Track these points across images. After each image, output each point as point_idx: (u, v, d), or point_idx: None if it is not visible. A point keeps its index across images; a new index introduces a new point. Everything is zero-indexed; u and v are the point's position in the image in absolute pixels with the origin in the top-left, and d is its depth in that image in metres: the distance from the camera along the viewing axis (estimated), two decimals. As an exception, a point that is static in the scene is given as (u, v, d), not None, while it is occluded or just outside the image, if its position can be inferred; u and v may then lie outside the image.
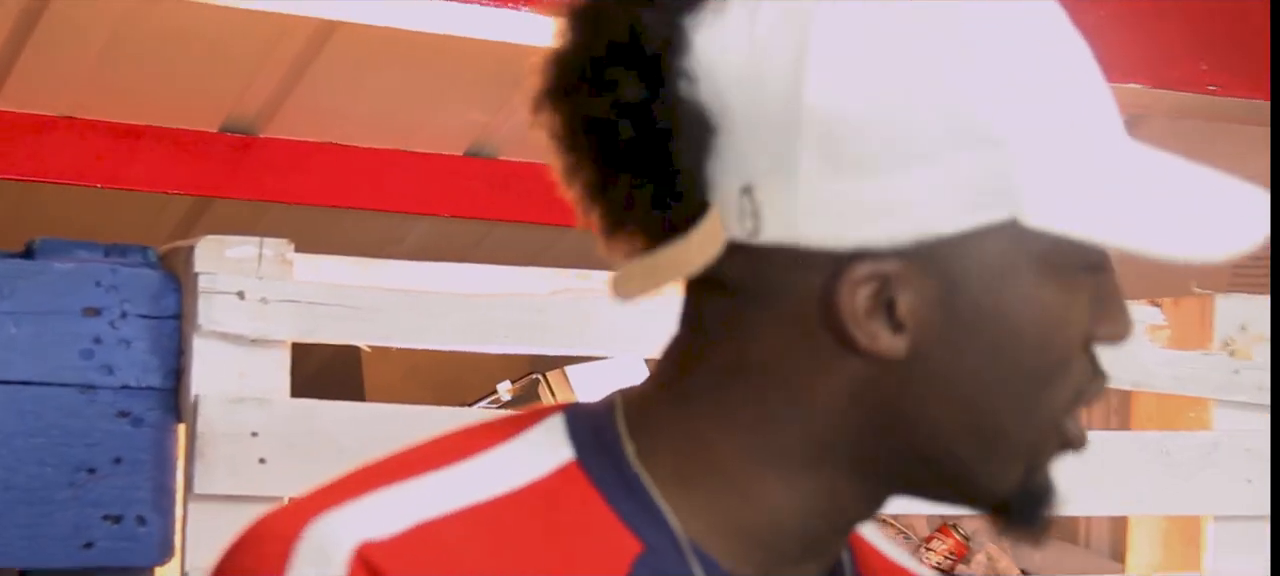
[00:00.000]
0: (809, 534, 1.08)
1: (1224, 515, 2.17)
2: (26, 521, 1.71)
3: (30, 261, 1.74)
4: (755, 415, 1.05)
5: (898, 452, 1.05)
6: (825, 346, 1.02)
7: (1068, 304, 1.03)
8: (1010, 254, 1.00)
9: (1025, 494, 1.07)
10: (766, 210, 1.00)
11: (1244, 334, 2.18)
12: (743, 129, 1.00)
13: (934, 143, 0.98)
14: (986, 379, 1.02)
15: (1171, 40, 2.37)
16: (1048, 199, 0.99)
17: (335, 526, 1.00)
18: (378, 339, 1.83)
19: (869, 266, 0.99)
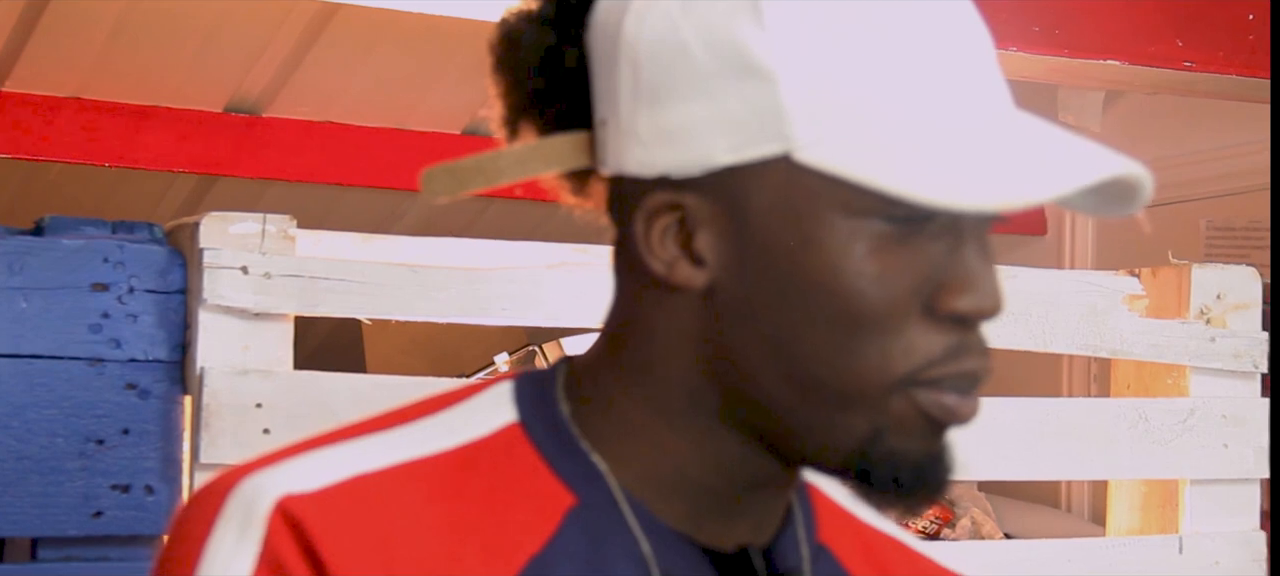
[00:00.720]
0: (718, 488, 1.08)
1: (1201, 479, 2.17)
2: (38, 490, 1.70)
3: (40, 238, 1.74)
4: (637, 366, 1.07)
5: (737, 400, 1.05)
6: (651, 283, 1.05)
7: (869, 255, 1.00)
8: (795, 192, 1.00)
9: (877, 458, 1.02)
10: (607, 142, 1.05)
11: (1220, 303, 2.18)
12: (599, 67, 1.05)
13: (709, 74, 1.00)
14: (783, 319, 1.01)
15: (1148, 18, 2.37)
16: (818, 137, 0.99)
17: (262, 483, 1.02)
18: (378, 312, 1.83)
19: (666, 196, 1.02)
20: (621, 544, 1.05)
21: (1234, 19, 2.41)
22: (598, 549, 1.05)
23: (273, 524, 0.99)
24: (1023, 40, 2.25)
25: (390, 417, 1.09)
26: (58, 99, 3.13)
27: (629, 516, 1.06)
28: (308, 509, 1.00)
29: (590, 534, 1.05)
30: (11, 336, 1.70)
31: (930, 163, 0.98)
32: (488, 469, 1.06)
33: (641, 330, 1.07)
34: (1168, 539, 2.16)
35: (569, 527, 1.05)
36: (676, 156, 1.02)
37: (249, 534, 1.00)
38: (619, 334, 1.09)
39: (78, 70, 3.08)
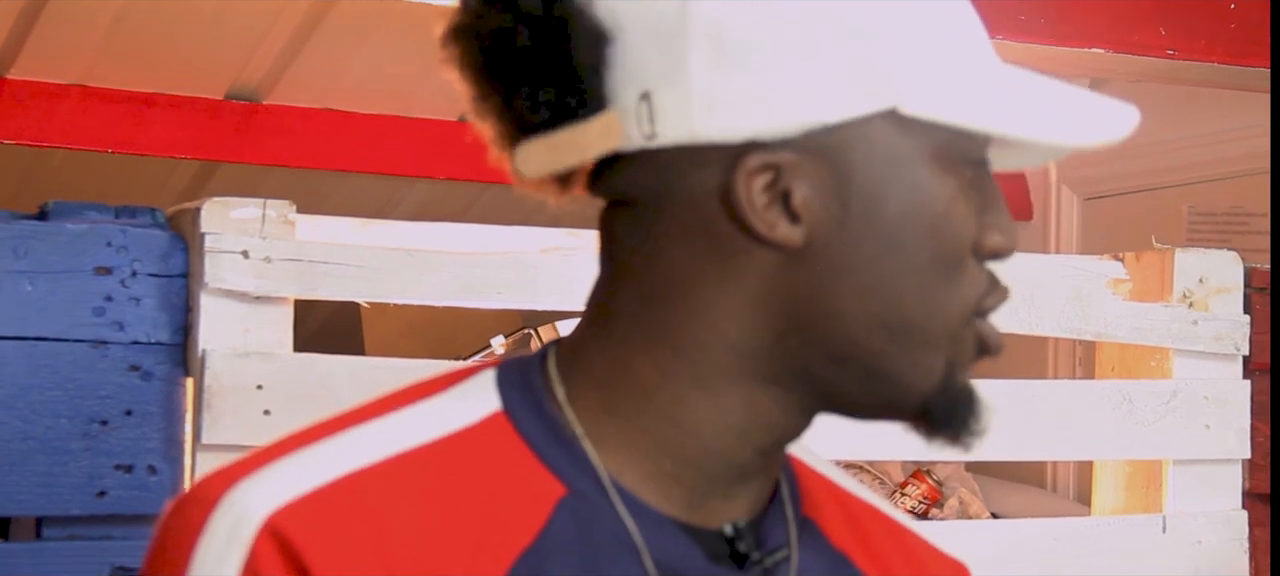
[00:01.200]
0: (735, 455, 1.07)
1: (1183, 459, 2.17)
2: (43, 470, 1.70)
3: (44, 223, 1.74)
4: (672, 330, 1.06)
5: (812, 354, 1.05)
6: (729, 245, 1.04)
7: (954, 198, 1.04)
8: (896, 143, 1.02)
9: (946, 396, 1.06)
10: (662, 113, 1.02)
11: (1202, 287, 2.18)
12: (636, 38, 1.02)
13: (813, 36, 1.01)
14: (884, 266, 1.03)
15: (1131, 7, 2.37)
16: (924, 89, 1.02)
17: (247, 496, 1.00)
18: (376, 296, 1.82)
19: (762, 157, 1.01)
20: (612, 532, 1.05)
21: (1216, 8, 2.41)
22: (589, 538, 1.04)
23: (258, 544, 0.98)
24: (1011, 28, 2.25)
25: (372, 408, 1.07)
26: (61, 86, 3.13)
27: (618, 504, 1.05)
28: (293, 521, 0.98)
29: (581, 524, 1.04)
30: (16, 319, 1.70)
31: (1027, 106, 1.05)
32: (474, 461, 1.05)
33: (695, 298, 1.05)
34: (1151, 518, 2.16)
35: (559, 518, 1.04)
36: (776, 118, 1.01)
37: (232, 552, 0.98)
38: (651, 304, 1.06)
39: (81, 58, 3.08)
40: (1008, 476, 3.57)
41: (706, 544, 1.07)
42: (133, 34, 3.02)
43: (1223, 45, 2.43)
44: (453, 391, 1.08)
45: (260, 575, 0.97)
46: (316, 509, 0.99)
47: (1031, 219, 3.85)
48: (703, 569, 1.06)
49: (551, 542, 1.03)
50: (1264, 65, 2.45)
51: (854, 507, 1.21)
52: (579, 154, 1.04)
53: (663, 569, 1.05)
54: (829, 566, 1.15)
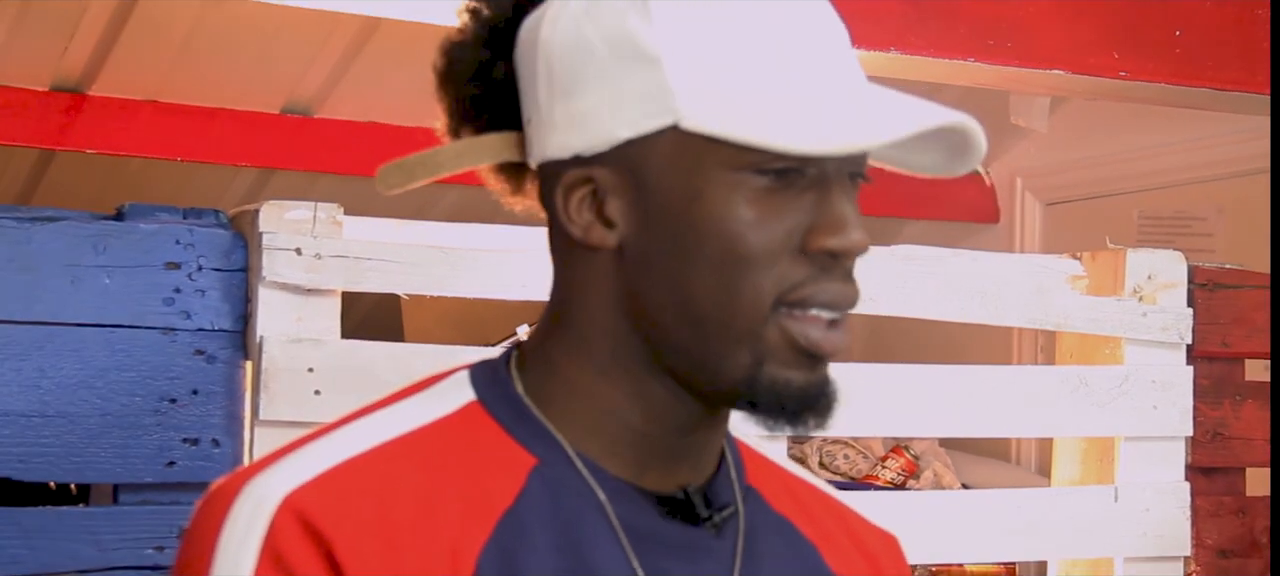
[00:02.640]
0: (652, 433, 1.09)
1: (1133, 436, 2.17)
2: (119, 443, 1.71)
3: (121, 223, 1.74)
4: (571, 328, 1.10)
5: (652, 344, 1.07)
6: (577, 251, 1.08)
7: (746, 204, 1.03)
8: (681, 156, 1.04)
9: (758, 386, 1.05)
10: (531, 136, 1.09)
11: (1151, 282, 2.18)
12: (523, 74, 1.10)
13: (608, 64, 1.05)
14: (682, 264, 1.04)
15: (1088, 33, 2.36)
16: (700, 107, 1.03)
17: (264, 483, 1.03)
18: (415, 288, 1.83)
19: (580, 171, 1.06)
20: (580, 494, 1.07)
21: (1164, 34, 2.40)
22: (560, 500, 1.06)
23: (277, 520, 1.01)
24: (979, 51, 2.25)
25: (363, 410, 1.11)
26: (137, 101, 3.13)
27: (582, 470, 1.08)
28: (308, 498, 1.01)
29: (552, 488, 1.07)
30: (96, 308, 1.70)
31: (789, 119, 1.03)
32: (456, 441, 1.08)
33: (573, 297, 1.10)
34: (1104, 488, 2.16)
35: (533, 484, 1.06)
36: (586, 137, 1.06)
37: (253, 532, 1.01)
38: (557, 305, 1.11)
39: (154, 77, 3.08)
40: (977, 451, 3.56)
41: (661, 503, 1.09)
42: (199, 55, 3.02)
43: (1170, 67, 2.42)
44: (431, 390, 1.12)
45: (279, 546, 1.00)
46: (327, 486, 1.02)
47: (998, 221, 3.84)
48: (657, 523, 1.08)
49: (528, 504, 1.05)
50: (1207, 85, 2.44)
51: (793, 483, 1.23)
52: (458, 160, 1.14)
53: (624, 523, 1.07)
54: (772, 527, 1.16)
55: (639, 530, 1.07)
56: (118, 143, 3.14)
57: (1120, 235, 2.28)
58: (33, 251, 1.68)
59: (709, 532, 1.10)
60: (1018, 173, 3.77)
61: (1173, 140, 3.37)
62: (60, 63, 2.99)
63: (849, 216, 1.05)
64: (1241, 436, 2.26)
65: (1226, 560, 2.24)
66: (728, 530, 1.12)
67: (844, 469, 3.30)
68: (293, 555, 1.00)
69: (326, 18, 2.76)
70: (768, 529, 1.15)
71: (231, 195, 3.44)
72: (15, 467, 1.67)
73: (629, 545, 1.06)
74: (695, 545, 1.09)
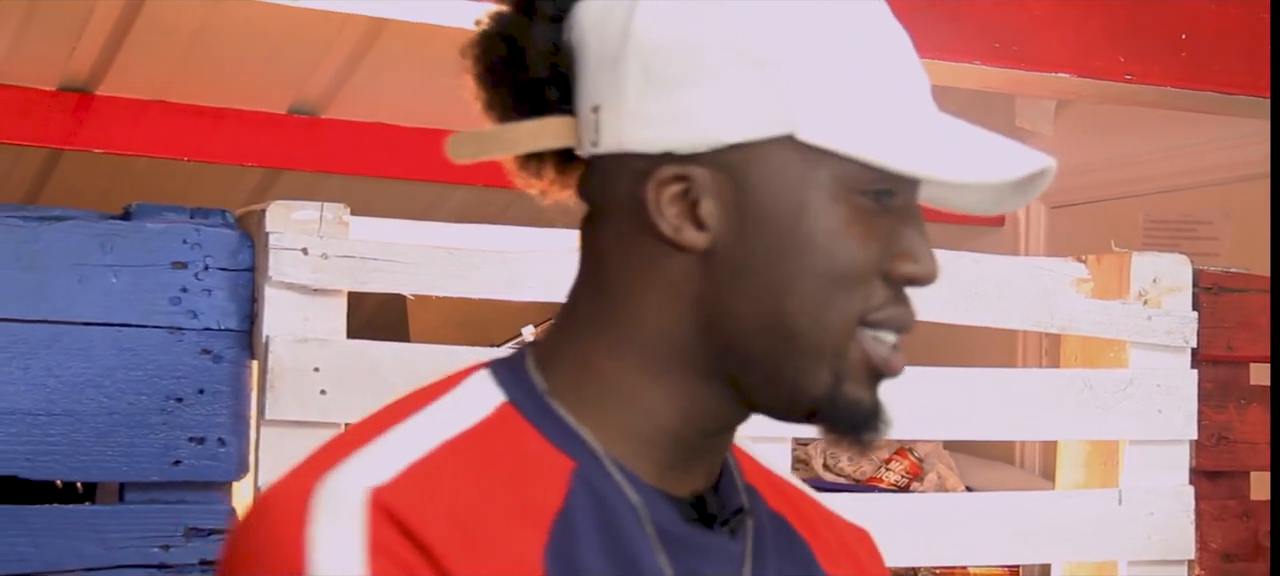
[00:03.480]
0: (686, 436, 1.09)
1: (1138, 439, 2.17)
2: (125, 442, 1.71)
3: (128, 222, 1.74)
4: (619, 326, 1.08)
5: (720, 349, 1.06)
6: (653, 249, 1.05)
7: (847, 222, 1.04)
8: (791, 166, 1.03)
9: (837, 404, 1.06)
10: (604, 124, 1.06)
11: (1156, 286, 2.18)
12: (593, 60, 1.06)
13: (722, 64, 1.03)
14: (774, 276, 1.04)
15: (1094, 36, 2.36)
16: (819, 120, 1.02)
17: (342, 482, 1.00)
18: (420, 289, 1.83)
19: (675, 168, 1.04)
20: (617, 498, 1.06)
21: (1170, 37, 2.40)
22: (602, 503, 1.06)
23: (372, 515, 0.98)
24: (985, 55, 2.25)
25: (399, 410, 1.08)
26: (144, 101, 3.14)
27: (615, 474, 1.07)
28: (395, 497, 0.99)
29: (592, 491, 1.06)
30: (103, 307, 1.71)
31: (911, 143, 1.03)
32: (499, 444, 1.06)
33: (630, 295, 1.07)
34: (1109, 492, 2.16)
35: (576, 487, 1.06)
36: (687, 135, 1.03)
37: (351, 528, 0.97)
38: (602, 303, 1.09)
39: (160, 77, 3.09)
40: (981, 454, 3.56)
41: (681, 508, 1.09)
42: (206, 56, 3.03)
43: (1175, 71, 2.42)
44: (457, 391, 1.10)
45: (383, 540, 0.97)
46: (409, 486, 1.00)
47: (1003, 224, 3.84)
48: (682, 529, 1.08)
49: (575, 507, 1.05)
50: (1213, 89, 2.44)
51: (778, 482, 1.23)
52: (517, 143, 1.10)
53: (656, 527, 1.07)
54: (772, 526, 1.17)
55: (669, 534, 1.07)
56: (125, 143, 3.15)
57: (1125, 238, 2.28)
58: (40, 250, 1.68)
59: (724, 536, 1.11)
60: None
61: (1178, 144, 3.37)
62: (68, 63, 3.00)
63: (925, 247, 1.07)
64: (1246, 440, 2.26)
65: (1231, 564, 2.24)
66: (739, 532, 1.12)
67: (848, 470, 3.30)
68: (404, 554, 0.97)
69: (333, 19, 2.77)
70: (769, 528, 1.16)
71: (238, 195, 3.45)
72: (22, 466, 1.67)
73: (662, 549, 1.06)
74: (714, 547, 1.10)
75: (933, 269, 1.07)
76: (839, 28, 1.05)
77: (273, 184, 3.44)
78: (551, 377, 1.09)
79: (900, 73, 1.07)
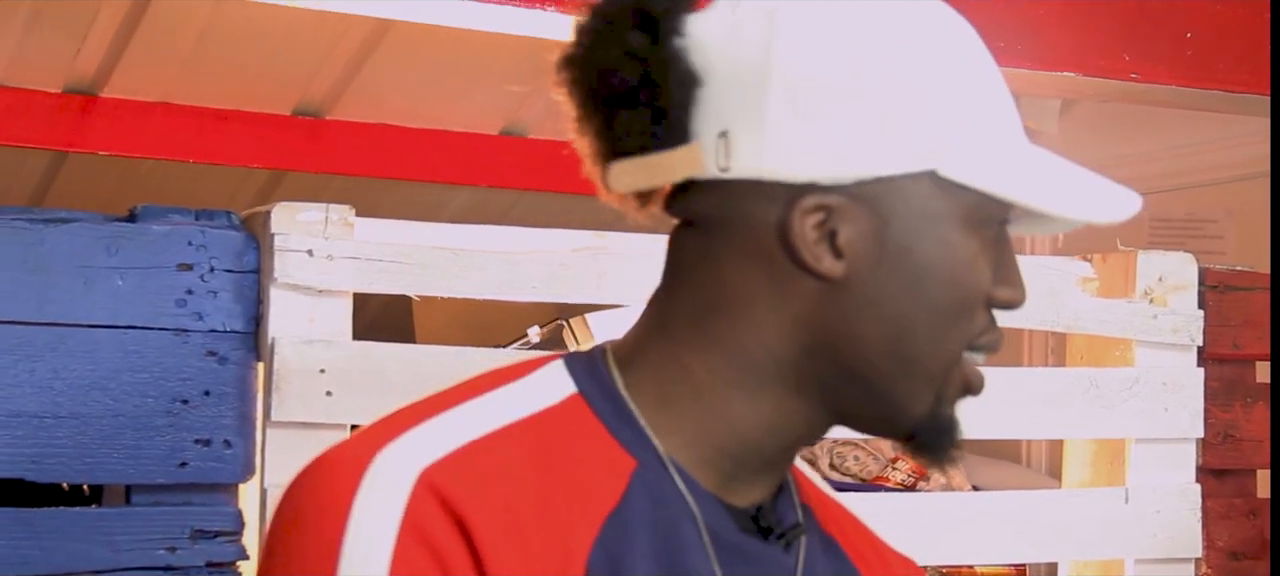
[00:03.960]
0: (765, 448, 1.10)
1: (1144, 438, 2.17)
2: (131, 444, 1.71)
3: (133, 224, 1.74)
4: (723, 338, 1.08)
5: (833, 370, 1.07)
6: (779, 270, 1.06)
7: (975, 254, 1.07)
8: (931, 201, 1.05)
9: (933, 422, 1.09)
10: (738, 148, 1.04)
11: (1161, 284, 2.18)
12: (722, 84, 1.05)
13: (871, 100, 1.03)
14: (906, 305, 1.05)
15: (1099, 35, 2.35)
16: (961, 157, 1.05)
17: (397, 456, 1.01)
18: (425, 290, 1.83)
19: (817, 198, 1.04)
20: (675, 502, 1.07)
21: (1175, 36, 2.40)
22: (659, 506, 1.06)
23: (417, 493, 0.98)
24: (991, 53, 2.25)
25: (471, 389, 1.08)
26: (148, 103, 3.13)
27: (676, 478, 1.07)
28: (444, 475, 1.00)
29: (651, 493, 1.06)
30: (109, 310, 1.71)
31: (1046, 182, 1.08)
32: (561, 433, 1.07)
33: (747, 310, 1.07)
34: (1115, 490, 2.16)
35: (635, 487, 1.06)
36: (833, 166, 1.04)
37: (392, 506, 0.98)
38: (704, 315, 1.08)
39: (165, 79, 3.09)
40: (987, 453, 3.55)
41: (738, 518, 1.10)
42: (211, 58, 3.02)
43: (1181, 70, 2.42)
44: (530, 377, 1.10)
45: (422, 523, 0.98)
46: (461, 465, 1.01)
47: (1009, 224, 3.84)
48: (738, 538, 1.09)
49: (631, 507, 1.05)
50: (1218, 87, 2.44)
51: (830, 504, 1.24)
52: (664, 176, 1.07)
53: (711, 533, 1.07)
54: (823, 546, 1.18)
55: (724, 542, 1.08)
56: (130, 144, 3.15)
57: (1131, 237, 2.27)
58: (45, 253, 1.68)
59: (779, 548, 1.12)
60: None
61: (1183, 142, 3.37)
62: (72, 65, 3.00)
63: (1019, 272, 1.11)
64: (1252, 438, 2.25)
65: (1237, 562, 2.24)
66: (793, 546, 1.13)
67: (854, 470, 3.30)
68: (435, 533, 0.98)
69: (338, 20, 2.77)
70: (821, 548, 1.17)
71: (243, 197, 3.45)
72: (28, 468, 1.67)
73: (716, 557, 1.07)
74: (769, 560, 1.11)
75: (1026, 293, 1.12)
76: (967, 62, 1.08)
77: (278, 186, 3.44)
78: (631, 376, 1.10)
79: (1008, 105, 1.10)
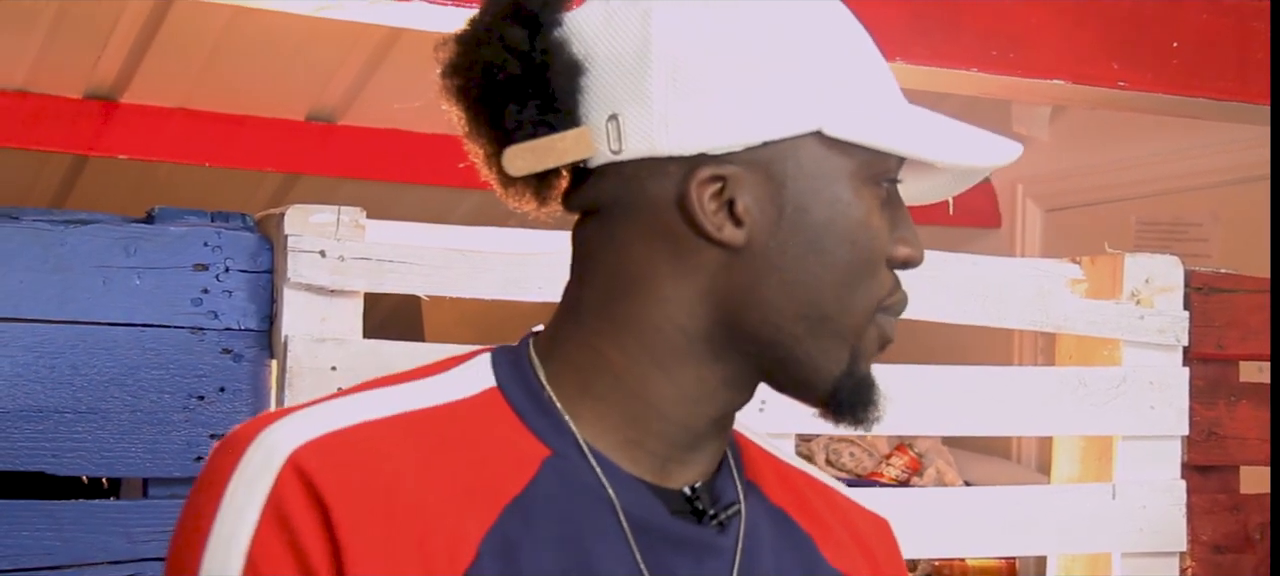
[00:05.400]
0: (693, 423, 1.09)
1: (1130, 435, 2.17)
2: (149, 439, 1.71)
3: (151, 226, 1.74)
4: (634, 320, 1.08)
5: (745, 338, 1.07)
6: (682, 246, 1.06)
7: (869, 212, 1.07)
8: (821, 161, 1.05)
9: (851, 382, 1.09)
10: (628, 130, 1.05)
11: (1148, 286, 2.18)
12: (605, 69, 1.06)
13: (752, 69, 1.04)
14: (808, 266, 1.06)
15: (1088, 44, 2.36)
16: (844, 115, 1.05)
17: (276, 435, 1.01)
18: (435, 290, 1.83)
19: (712, 168, 1.05)
20: (590, 489, 1.06)
21: (1161, 45, 2.40)
22: (570, 492, 1.06)
23: (283, 474, 0.99)
24: (981, 62, 2.25)
25: (384, 380, 1.09)
26: (166, 109, 3.14)
27: (594, 465, 1.07)
28: (312, 456, 0.99)
29: (563, 480, 1.06)
30: (127, 308, 1.71)
31: (927, 134, 1.08)
32: (470, 425, 1.06)
33: (646, 290, 1.08)
34: (1103, 486, 2.16)
35: (545, 474, 1.05)
36: (722, 135, 1.04)
37: (262, 481, 0.99)
38: (614, 299, 1.09)
39: (183, 85, 3.09)
40: (979, 449, 3.56)
41: (669, 501, 1.09)
42: (227, 65, 3.03)
43: (1167, 78, 2.42)
44: (454, 371, 1.10)
45: (283, 502, 0.98)
46: (331, 447, 1.01)
47: (1000, 226, 3.84)
48: (666, 521, 1.08)
49: (538, 494, 1.05)
50: (1204, 95, 2.44)
51: (789, 474, 1.23)
52: (557, 158, 1.07)
53: (632, 520, 1.06)
54: (770, 520, 1.16)
55: (646, 527, 1.07)
56: (148, 149, 3.15)
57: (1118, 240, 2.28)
58: (66, 253, 1.68)
59: (713, 530, 1.10)
60: (1019, 179, 3.77)
61: (1169, 148, 3.37)
62: (93, 72, 3.01)
63: (915, 232, 1.11)
64: (1236, 435, 2.25)
65: (1221, 555, 2.24)
66: (730, 526, 1.12)
67: (849, 465, 3.30)
68: (295, 515, 0.98)
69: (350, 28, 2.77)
70: (767, 523, 1.16)
71: (258, 199, 3.45)
72: (49, 462, 1.67)
73: (635, 542, 1.06)
74: (700, 542, 1.09)
75: (922, 252, 1.11)
76: (840, 28, 1.09)
77: (291, 188, 3.44)
78: (551, 367, 1.10)
79: (883, 67, 1.11)
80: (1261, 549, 2.26)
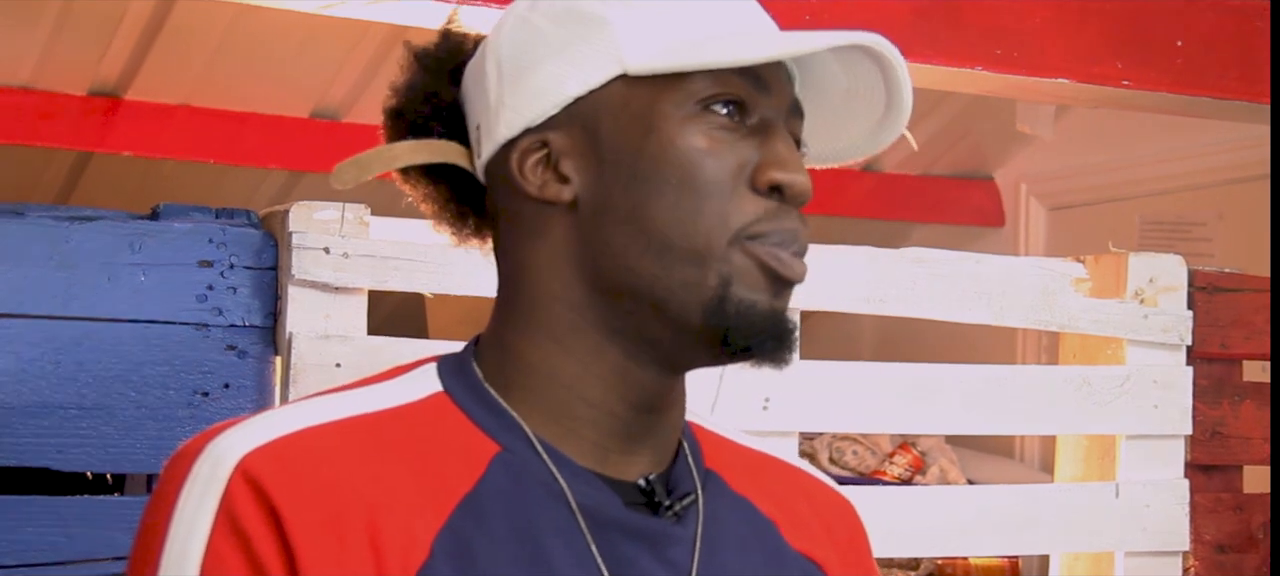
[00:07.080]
0: (614, 410, 1.10)
1: (1134, 434, 2.17)
2: (154, 435, 1.71)
3: (156, 222, 1.74)
4: (526, 308, 1.11)
5: (613, 295, 1.08)
6: (534, 222, 1.10)
7: (698, 136, 1.07)
8: (631, 102, 1.08)
9: (729, 307, 1.06)
10: (483, 134, 1.13)
11: (1152, 285, 2.18)
12: (472, 94, 1.15)
13: (557, 39, 1.10)
14: (639, 202, 1.07)
15: (1092, 43, 2.35)
16: (643, 53, 1.08)
17: (225, 444, 1.03)
18: (438, 287, 1.83)
19: (532, 137, 1.10)
20: (542, 482, 1.07)
21: (1165, 44, 2.40)
22: (521, 488, 1.06)
23: (232, 481, 1.00)
24: (986, 61, 2.25)
25: (336, 389, 1.11)
26: (171, 106, 3.14)
27: (545, 457, 1.08)
28: (259, 462, 1.01)
29: (514, 475, 1.06)
30: (132, 304, 1.71)
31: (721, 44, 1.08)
32: (418, 427, 1.08)
33: (524, 271, 1.11)
34: (1106, 485, 2.16)
35: (495, 471, 1.06)
36: (537, 107, 1.09)
37: (211, 491, 1.01)
38: (507, 287, 1.13)
39: (187, 82, 3.09)
40: (982, 448, 3.56)
41: (623, 493, 1.10)
42: (231, 62, 3.03)
43: (1172, 77, 2.42)
44: (401, 378, 1.13)
45: (234, 508, 1.00)
46: (279, 452, 1.02)
47: (1004, 226, 3.84)
48: (621, 513, 1.08)
49: (489, 490, 1.05)
50: (1208, 94, 2.44)
51: (752, 459, 1.23)
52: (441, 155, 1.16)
53: (586, 512, 1.07)
54: (731, 508, 1.17)
55: (601, 518, 1.07)
56: (153, 145, 3.15)
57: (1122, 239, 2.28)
58: (71, 250, 1.68)
59: (669, 521, 1.11)
60: (1023, 178, 3.77)
61: (1173, 147, 3.37)
62: (97, 68, 3.01)
63: (793, 155, 1.09)
64: (1239, 435, 2.25)
65: (1224, 555, 2.24)
66: (688, 517, 1.12)
67: (852, 464, 3.30)
68: (246, 520, 0.99)
69: (354, 26, 2.77)
70: (727, 511, 1.16)
71: (262, 196, 3.45)
72: (54, 458, 1.68)
73: (590, 534, 1.06)
74: (657, 533, 1.10)
75: (799, 177, 1.08)
76: None
77: (295, 185, 3.45)
78: (486, 370, 1.12)
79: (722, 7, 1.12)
80: (1265, 548, 2.26)
